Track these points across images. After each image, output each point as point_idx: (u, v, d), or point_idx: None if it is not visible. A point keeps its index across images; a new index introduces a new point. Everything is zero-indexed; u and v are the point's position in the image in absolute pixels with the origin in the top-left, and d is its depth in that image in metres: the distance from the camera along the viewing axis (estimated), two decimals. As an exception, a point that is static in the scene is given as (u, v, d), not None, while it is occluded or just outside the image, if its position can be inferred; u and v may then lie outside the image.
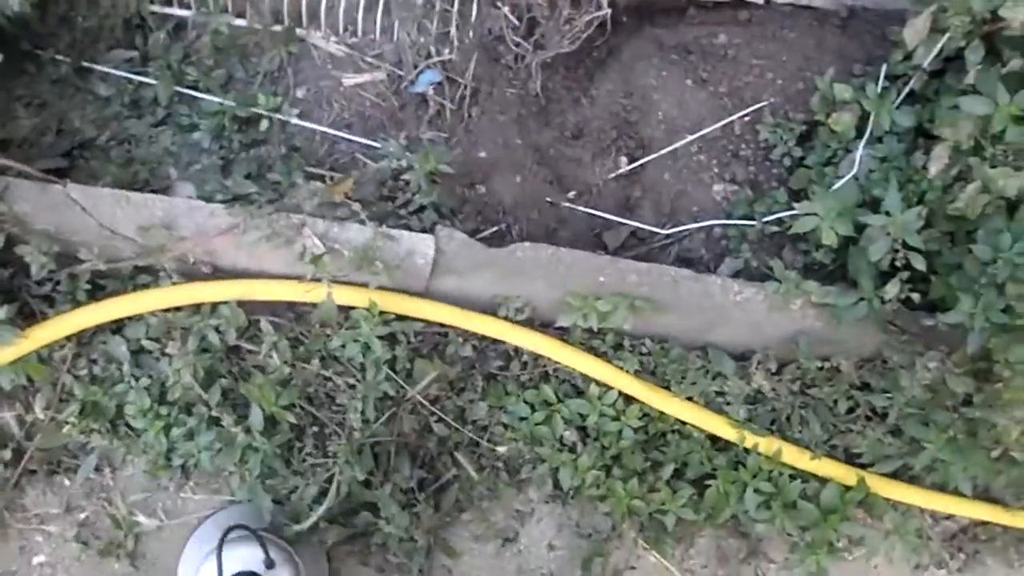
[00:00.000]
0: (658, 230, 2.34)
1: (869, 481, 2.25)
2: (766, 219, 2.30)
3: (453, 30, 2.31)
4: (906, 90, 2.21)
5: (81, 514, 2.20)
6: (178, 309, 2.10)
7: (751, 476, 2.22)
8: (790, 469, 2.24)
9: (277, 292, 2.08)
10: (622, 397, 2.23)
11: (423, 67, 2.30)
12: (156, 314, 2.10)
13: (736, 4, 2.55)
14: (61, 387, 2.11)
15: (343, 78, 2.35)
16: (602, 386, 2.22)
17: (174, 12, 2.32)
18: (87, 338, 2.11)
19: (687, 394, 2.24)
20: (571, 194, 2.40)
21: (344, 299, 2.07)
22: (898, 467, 2.27)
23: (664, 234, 2.34)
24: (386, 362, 2.15)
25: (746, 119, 2.43)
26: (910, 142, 2.21)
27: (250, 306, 2.14)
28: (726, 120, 2.42)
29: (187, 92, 2.28)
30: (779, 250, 2.33)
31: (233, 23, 2.32)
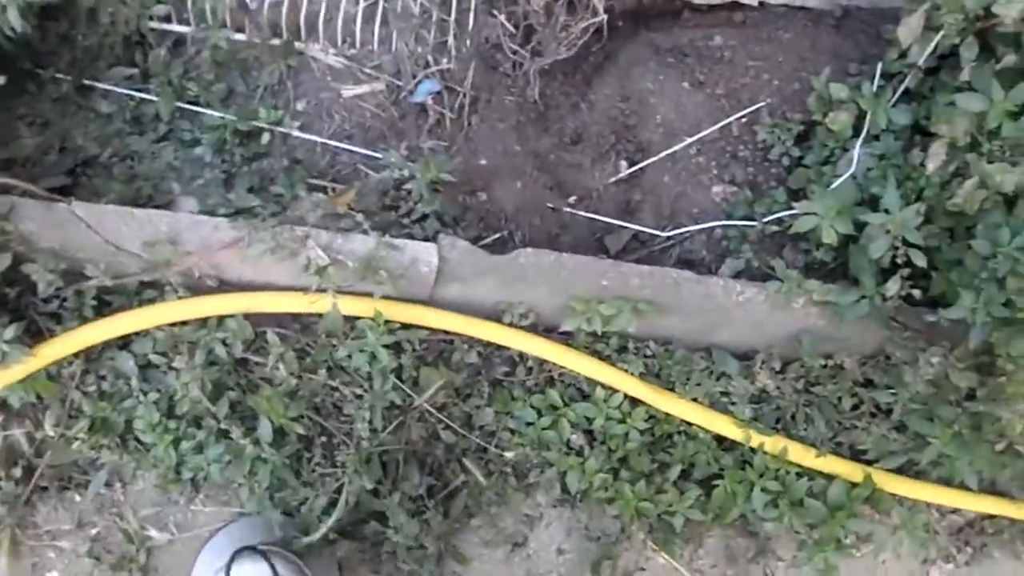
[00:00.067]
0: (659, 233, 2.35)
1: (875, 477, 2.25)
2: (766, 219, 2.31)
3: (451, 39, 2.32)
4: (902, 88, 2.22)
5: (93, 529, 2.20)
6: (185, 323, 2.11)
7: (758, 475, 2.23)
8: (796, 467, 2.25)
9: (283, 304, 2.09)
10: (628, 400, 2.23)
11: (422, 77, 2.31)
12: (163, 329, 2.10)
13: (731, 6, 2.56)
14: (70, 403, 2.11)
15: (342, 90, 2.36)
16: (607, 389, 2.23)
17: (173, 28, 2.33)
18: (95, 354, 2.12)
19: (692, 395, 2.25)
20: (572, 199, 2.41)
21: (349, 309, 2.08)
22: (904, 462, 2.27)
23: (665, 236, 2.35)
24: (392, 371, 2.16)
25: (744, 120, 2.45)
26: (907, 140, 2.22)
27: (256, 318, 2.14)
28: (724, 122, 2.43)
29: (188, 107, 2.29)
30: (780, 250, 2.34)
31: (232, 38, 2.32)
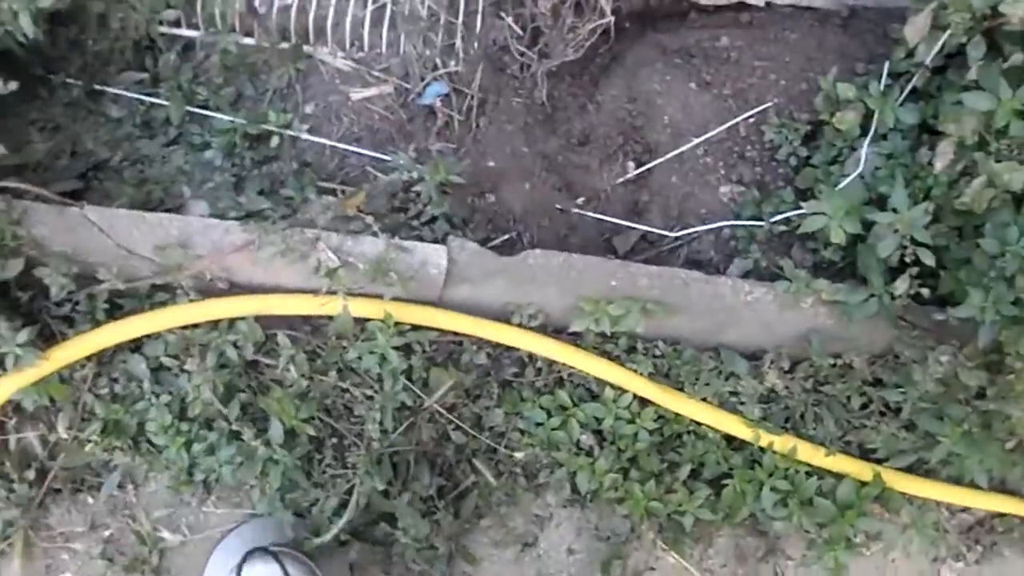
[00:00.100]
0: (667, 233, 2.36)
1: (885, 476, 2.26)
2: (774, 219, 2.31)
3: (458, 42, 2.34)
4: (909, 87, 2.23)
5: (106, 531, 2.21)
6: (196, 326, 2.12)
7: (767, 474, 2.24)
8: (806, 466, 2.26)
9: (293, 306, 2.10)
10: (637, 400, 2.24)
11: (430, 79, 2.32)
12: (174, 331, 2.12)
13: (737, 7, 2.56)
14: (83, 406, 2.13)
15: (351, 93, 2.37)
16: (617, 389, 2.24)
17: (183, 33, 2.34)
18: (107, 357, 2.13)
19: (701, 395, 2.25)
20: (580, 200, 2.41)
21: (360, 311, 2.09)
22: (913, 461, 2.28)
23: (673, 237, 2.36)
24: (403, 372, 2.17)
25: (751, 120, 2.45)
26: (914, 139, 2.23)
27: (267, 321, 2.16)
28: (731, 122, 2.44)
29: (198, 111, 2.30)
30: (788, 249, 2.35)
31: (241, 42, 2.34)
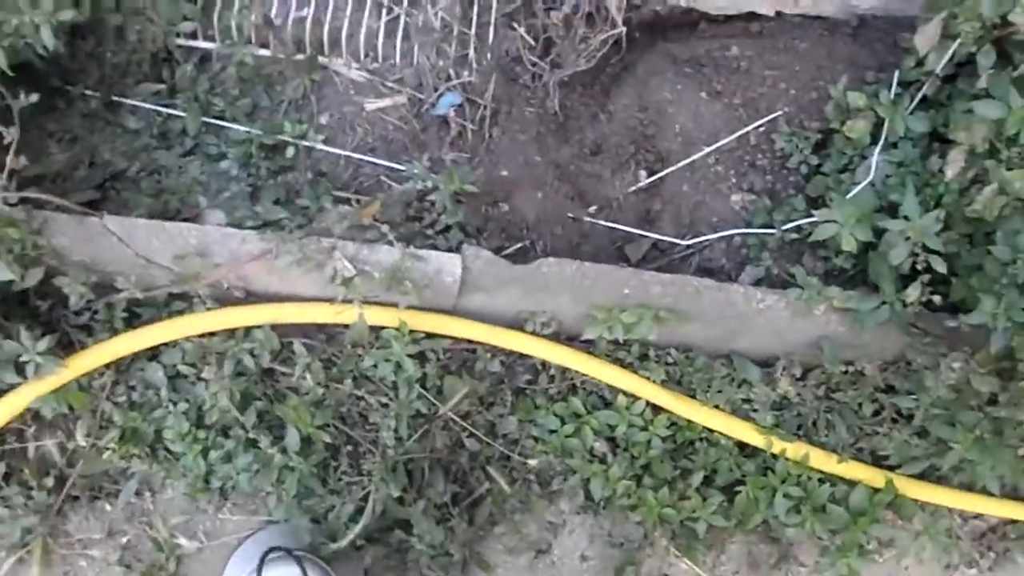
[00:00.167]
0: (679, 241, 2.37)
1: (897, 483, 2.26)
2: (785, 227, 2.32)
3: (471, 53, 2.36)
4: (919, 96, 2.24)
5: (123, 538, 2.23)
6: (213, 334, 2.14)
7: (780, 481, 2.25)
8: (818, 473, 2.26)
9: (310, 314, 2.12)
10: (650, 407, 2.25)
11: (443, 90, 2.34)
12: (192, 340, 2.14)
13: (747, 17, 2.58)
14: (101, 414, 2.15)
15: (365, 103, 2.39)
16: (629, 397, 2.25)
17: (200, 45, 2.36)
18: (125, 365, 2.15)
19: (714, 402, 2.27)
20: (592, 209, 2.43)
21: (375, 319, 2.10)
22: (925, 468, 2.28)
23: (685, 245, 2.37)
24: (417, 380, 2.19)
25: (761, 129, 2.47)
26: (925, 147, 2.24)
27: (283, 329, 2.17)
28: (742, 131, 2.45)
29: (214, 122, 2.32)
30: (799, 257, 2.36)
31: (257, 53, 2.36)
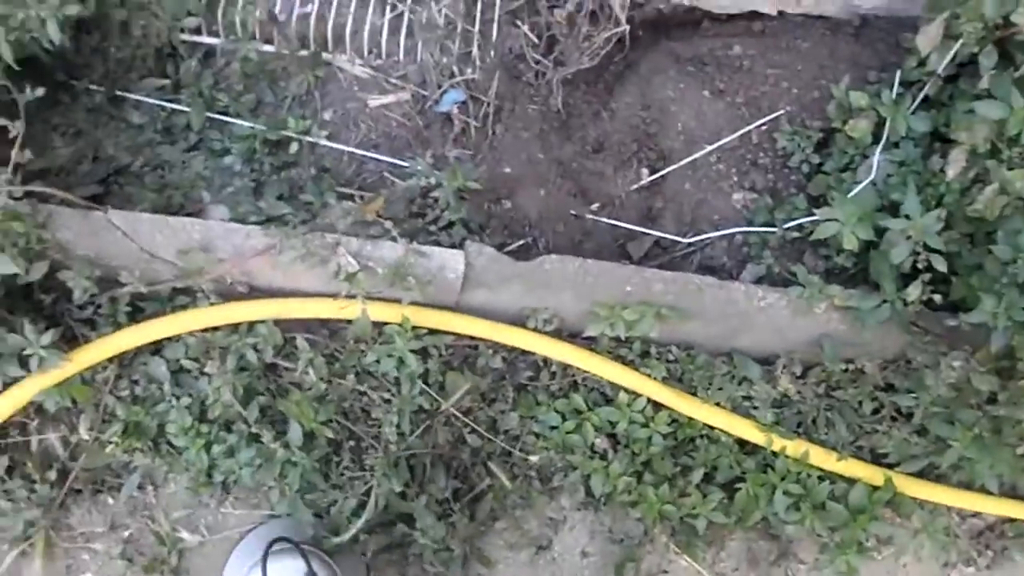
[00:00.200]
0: (680, 239, 2.38)
1: (896, 481, 2.27)
2: (786, 225, 2.33)
3: (475, 50, 2.37)
4: (921, 96, 2.25)
5: (125, 532, 2.24)
6: (216, 329, 2.15)
7: (780, 478, 2.25)
8: (818, 471, 2.27)
9: (313, 310, 2.13)
10: (651, 404, 2.26)
11: (447, 87, 2.35)
12: (195, 334, 2.15)
13: (749, 16, 2.58)
14: (104, 408, 2.16)
15: (369, 99, 2.40)
16: (631, 393, 2.26)
17: (204, 40, 2.37)
18: (128, 359, 2.16)
19: (714, 399, 2.27)
20: (594, 206, 2.44)
21: (378, 315, 2.11)
22: (924, 466, 2.28)
23: (686, 243, 2.38)
24: (420, 376, 2.19)
25: (763, 128, 2.47)
26: (926, 146, 2.25)
27: (286, 324, 2.18)
28: (744, 130, 2.46)
29: (218, 117, 2.33)
30: (800, 256, 2.37)
31: (261, 49, 2.37)
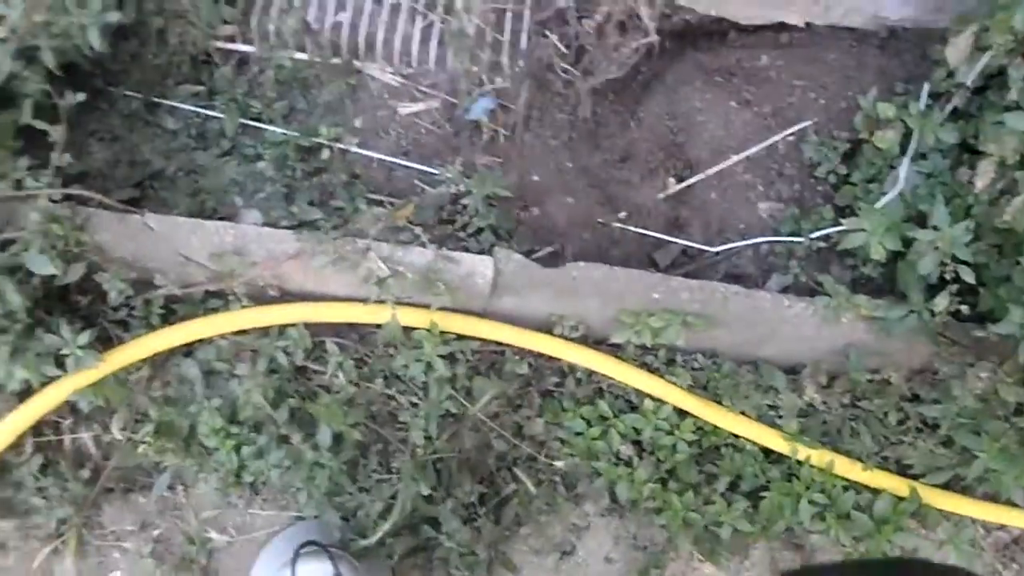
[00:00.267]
0: (707, 248, 2.39)
1: (921, 492, 2.26)
2: (813, 235, 2.34)
3: (504, 59, 2.40)
4: (949, 107, 2.25)
5: (155, 531, 2.26)
6: (247, 332, 2.18)
7: (804, 488, 2.25)
8: (843, 481, 2.27)
9: (343, 314, 2.15)
10: (676, 412, 2.27)
11: (476, 95, 2.37)
12: (227, 337, 2.17)
13: (777, 27, 2.59)
14: (136, 408, 2.19)
15: (399, 107, 2.43)
16: (656, 401, 2.26)
17: (239, 48, 2.41)
18: (161, 361, 2.19)
19: (740, 408, 2.28)
20: (622, 215, 2.45)
21: (407, 320, 2.13)
22: (950, 478, 2.28)
23: (713, 252, 2.39)
24: (447, 380, 2.21)
25: (790, 138, 2.49)
26: (955, 158, 2.25)
27: (316, 328, 2.21)
28: (770, 140, 2.47)
29: (251, 124, 2.36)
30: (826, 266, 2.38)
31: (294, 57, 2.40)
